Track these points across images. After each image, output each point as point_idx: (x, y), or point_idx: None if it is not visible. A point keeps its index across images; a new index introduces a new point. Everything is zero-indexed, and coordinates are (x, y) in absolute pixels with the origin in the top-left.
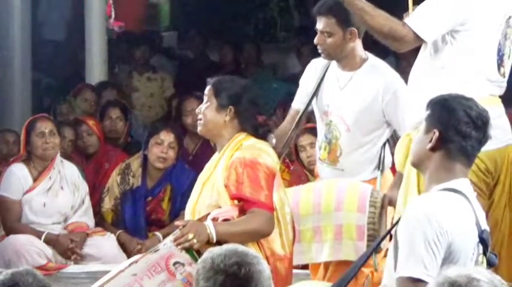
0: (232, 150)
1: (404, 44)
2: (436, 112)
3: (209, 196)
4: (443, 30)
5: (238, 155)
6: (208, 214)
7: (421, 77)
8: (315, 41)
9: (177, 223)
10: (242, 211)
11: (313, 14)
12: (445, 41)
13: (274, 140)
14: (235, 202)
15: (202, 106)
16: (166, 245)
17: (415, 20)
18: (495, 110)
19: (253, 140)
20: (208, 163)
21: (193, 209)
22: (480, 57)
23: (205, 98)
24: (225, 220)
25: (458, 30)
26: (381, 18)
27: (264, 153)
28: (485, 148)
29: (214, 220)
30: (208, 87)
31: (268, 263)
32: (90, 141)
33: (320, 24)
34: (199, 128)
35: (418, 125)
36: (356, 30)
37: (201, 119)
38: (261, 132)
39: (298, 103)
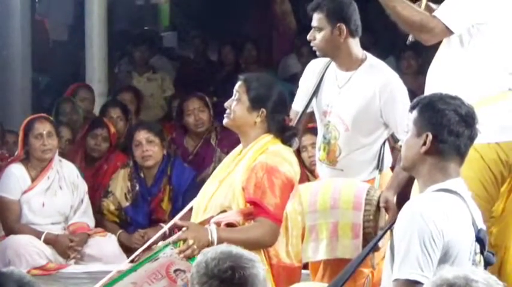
0: (256, 153)
1: (434, 35)
2: (426, 115)
3: (224, 195)
4: (471, 22)
5: (261, 159)
6: (211, 217)
7: (442, 72)
8: (308, 37)
9: (178, 222)
10: (250, 215)
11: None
12: (470, 34)
13: (297, 145)
14: (248, 205)
15: (233, 102)
16: (166, 254)
17: (444, 12)
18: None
19: (279, 146)
20: (226, 159)
21: (206, 205)
22: (503, 51)
23: (235, 94)
24: (228, 224)
25: (483, 23)
26: (411, 9)
27: (286, 162)
28: (506, 139)
29: (217, 224)
30: (239, 83)
31: (272, 270)
32: (101, 147)
33: (313, 20)
34: (225, 121)
35: None
36: (344, 26)
37: (229, 113)
38: (287, 136)
39: (297, 104)
